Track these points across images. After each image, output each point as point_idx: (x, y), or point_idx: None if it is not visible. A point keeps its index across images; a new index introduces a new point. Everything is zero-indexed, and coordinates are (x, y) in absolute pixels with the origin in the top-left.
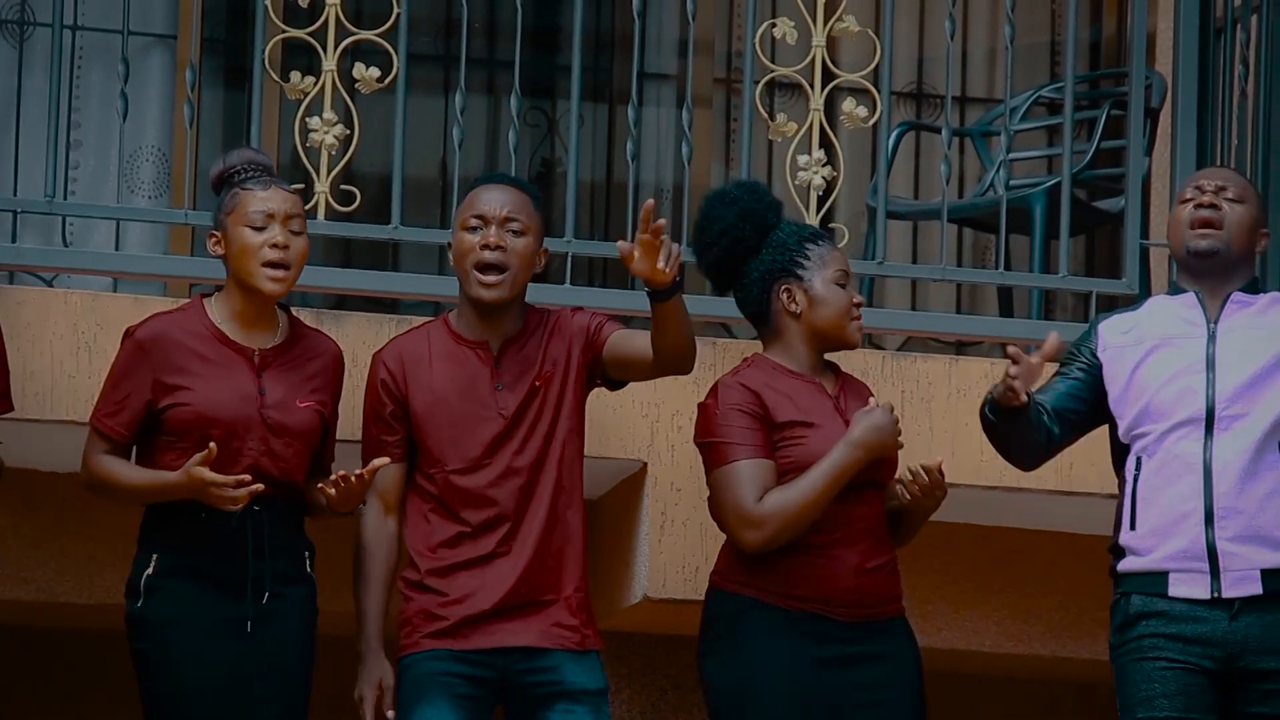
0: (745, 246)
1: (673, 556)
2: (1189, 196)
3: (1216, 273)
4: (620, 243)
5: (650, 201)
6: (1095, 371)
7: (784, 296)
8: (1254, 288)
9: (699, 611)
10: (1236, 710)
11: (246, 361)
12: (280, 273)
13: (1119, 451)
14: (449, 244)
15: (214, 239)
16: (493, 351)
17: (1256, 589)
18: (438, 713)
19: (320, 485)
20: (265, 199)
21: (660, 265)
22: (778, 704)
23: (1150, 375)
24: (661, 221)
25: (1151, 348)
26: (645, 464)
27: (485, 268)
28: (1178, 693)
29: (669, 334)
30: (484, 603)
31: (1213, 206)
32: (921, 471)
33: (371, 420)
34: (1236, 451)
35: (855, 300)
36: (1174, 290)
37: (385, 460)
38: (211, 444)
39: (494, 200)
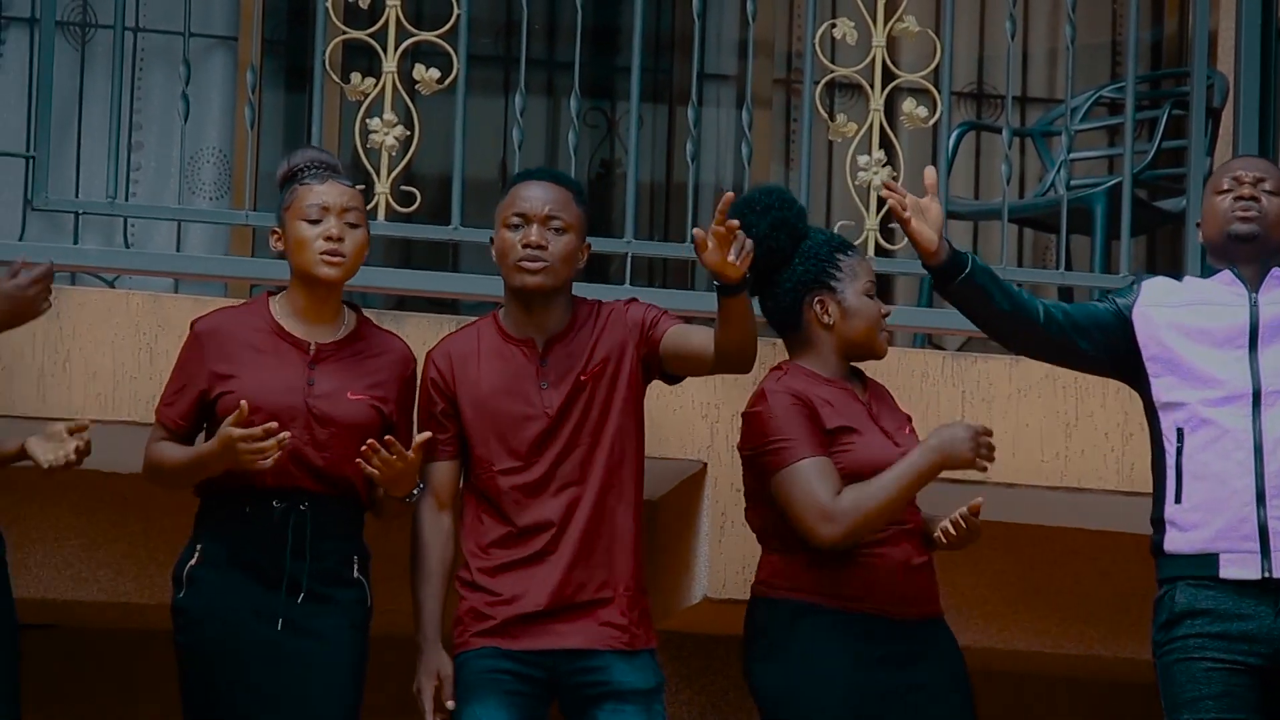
0: (780, 257)
1: (732, 557)
2: (1226, 187)
3: (1254, 258)
4: (695, 229)
5: (729, 194)
6: (1123, 322)
7: (817, 308)
8: None
9: None
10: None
11: (301, 354)
12: (337, 260)
13: (1152, 413)
14: (491, 239)
15: (275, 235)
16: (538, 348)
17: None
18: (488, 710)
19: (358, 460)
20: (321, 193)
21: (731, 258)
22: (835, 705)
23: (1192, 341)
24: (729, 195)
25: (1193, 307)
26: (705, 464)
27: (528, 259)
28: (1224, 694)
29: (733, 331)
30: (531, 604)
31: (1253, 198)
32: (961, 521)
33: (424, 419)
34: None
35: (884, 311)
36: (1207, 272)
37: (427, 434)
38: (243, 401)
39: (535, 197)
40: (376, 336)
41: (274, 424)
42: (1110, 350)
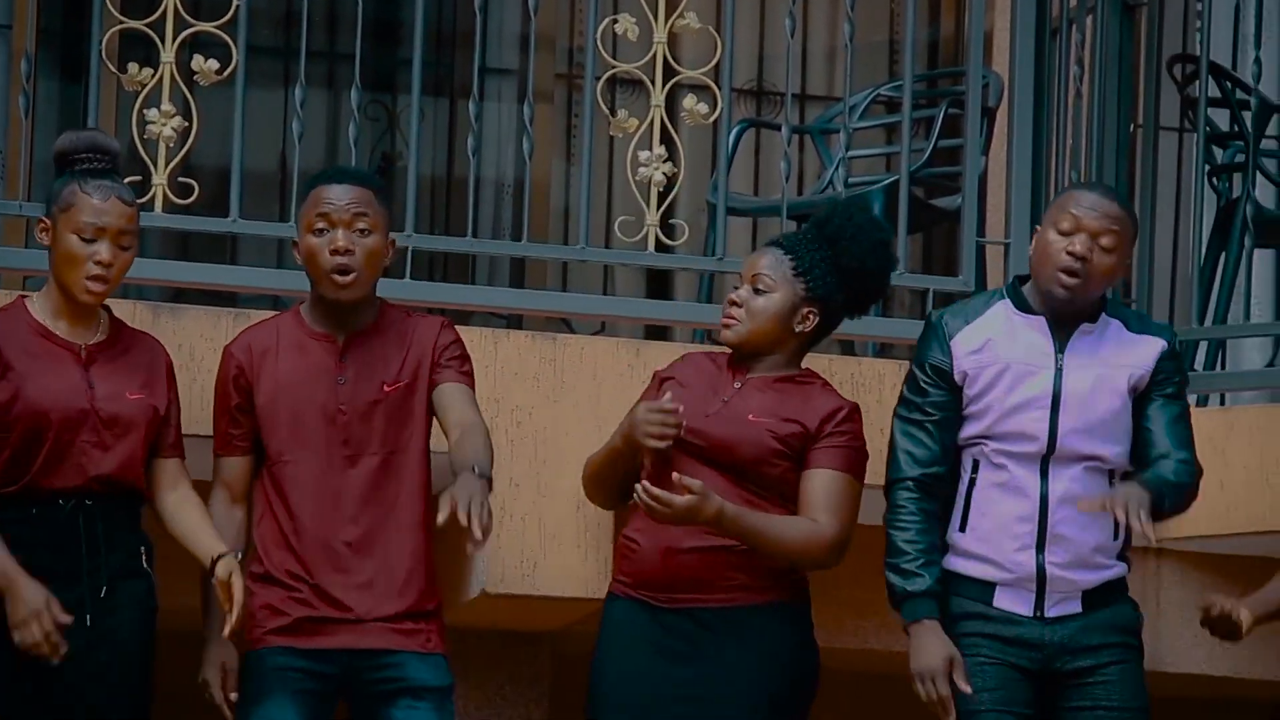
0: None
1: (511, 551)
2: (1066, 229)
3: (1068, 310)
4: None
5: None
6: (953, 384)
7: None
8: (1099, 306)
9: (537, 607)
10: (1055, 706)
11: (73, 356)
12: (100, 286)
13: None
14: (294, 242)
15: (42, 226)
16: (338, 343)
17: (1077, 609)
18: (279, 708)
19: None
20: (101, 211)
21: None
22: (611, 687)
23: (998, 399)
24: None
25: (1002, 370)
26: None
27: (336, 270)
28: (998, 687)
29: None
30: (324, 602)
31: (1084, 260)
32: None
33: (219, 413)
34: (1070, 483)
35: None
36: (1017, 299)
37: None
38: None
39: (338, 199)
40: (134, 335)
41: None
42: (955, 412)
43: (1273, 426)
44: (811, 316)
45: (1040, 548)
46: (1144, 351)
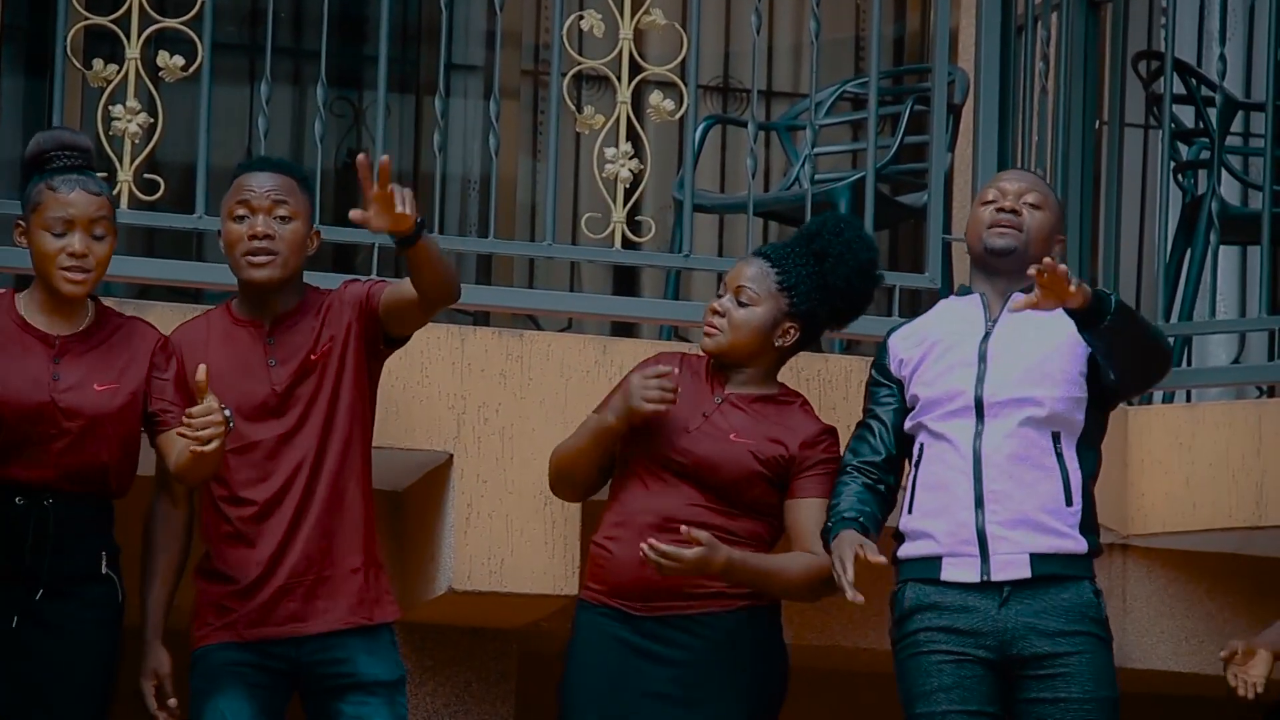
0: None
1: (478, 548)
2: (990, 198)
3: (1010, 273)
4: (352, 212)
5: (362, 156)
6: (899, 390)
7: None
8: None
9: (503, 604)
10: (1015, 698)
11: (45, 348)
12: (79, 275)
13: (906, 441)
14: (219, 232)
15: (19, 229)
16: (265, 328)
17: (1025, 572)
18: (231, 703)
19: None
20: (67, 204)
21: (400, 210)
22: (584, 689)
23: (927, 371)
24: (385, 159)
25: (930, 345)
26: (451, 455)
27: (254, 251)
28: (954, 685)
29: (428, 274)
30: (267, 582)
31: (1013, 211)
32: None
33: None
34: (1005, 438)
35: (711, 307)
36: (962, 291)
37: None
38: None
39: (259, 187)
40: (123, 325)
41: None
42: (902, 404)
43: (1238, 423)
44: (792, 332)
45: (979, 503)
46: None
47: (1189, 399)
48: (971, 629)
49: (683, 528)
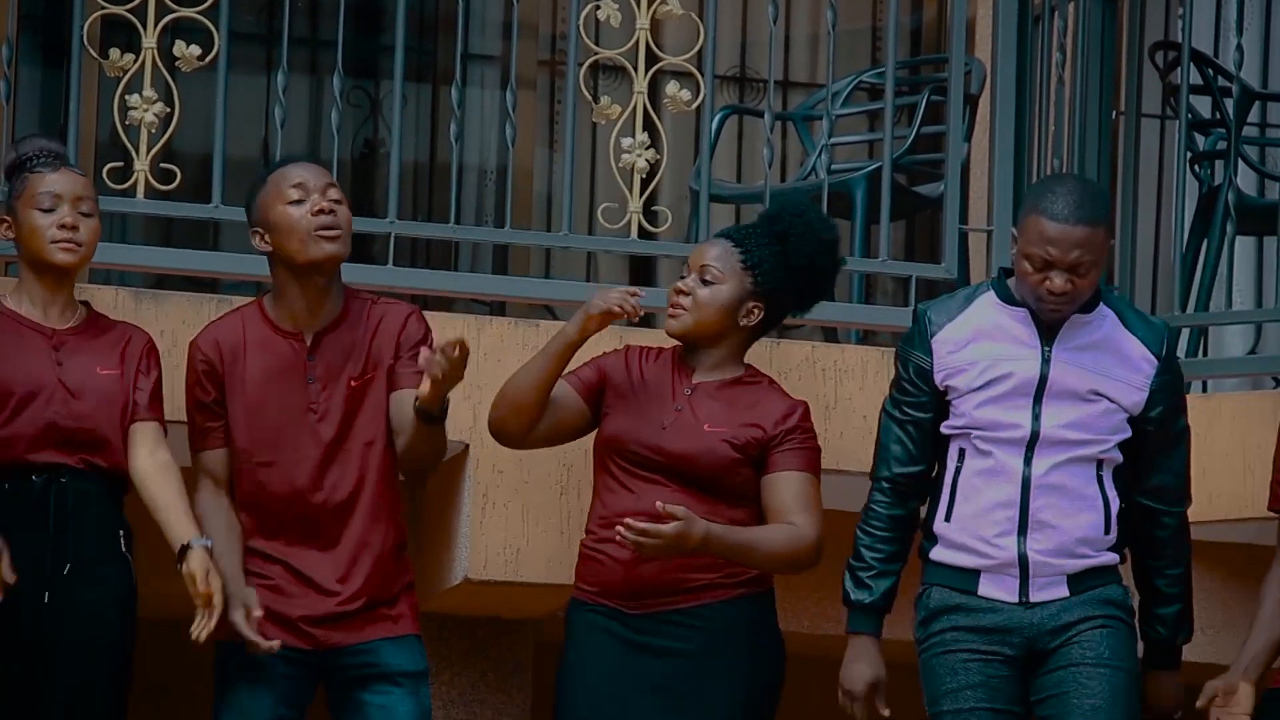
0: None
1: (494, 538)
2: (1038, 266)
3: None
4: (424, 353)
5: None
6: (932, 384)
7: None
8: (1093, 301)
9: (520, 594)
10: (1033, 677)
11: (43, 338)
12: (71, 245)
13: (939, 434)
14: (260, 234)
15: (5, 224)
16: (307, 342)
17: (1063, 593)
18: (254, 694)
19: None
20: (54, 181)
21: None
22: (579, 697)
23: (982, 392)
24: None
25: (986, 365)
26: (467, 445)
27: (327, 226)
28: (981, 684)
29: (424, 447)
30: (298, 609)
31: (1063, 294)
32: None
33: (194, 409)
34: (1053, 469)
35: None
36: (1001, 291)
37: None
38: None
39: (309, 173)
40: (114, 325)
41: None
42: (937, 412)
43: (1254, 413)
44: (757, 311)
45: (1022, 532)
46: (1137, 361)
47: (1205, 389)
48: (998, 626)
49: (657, 503)
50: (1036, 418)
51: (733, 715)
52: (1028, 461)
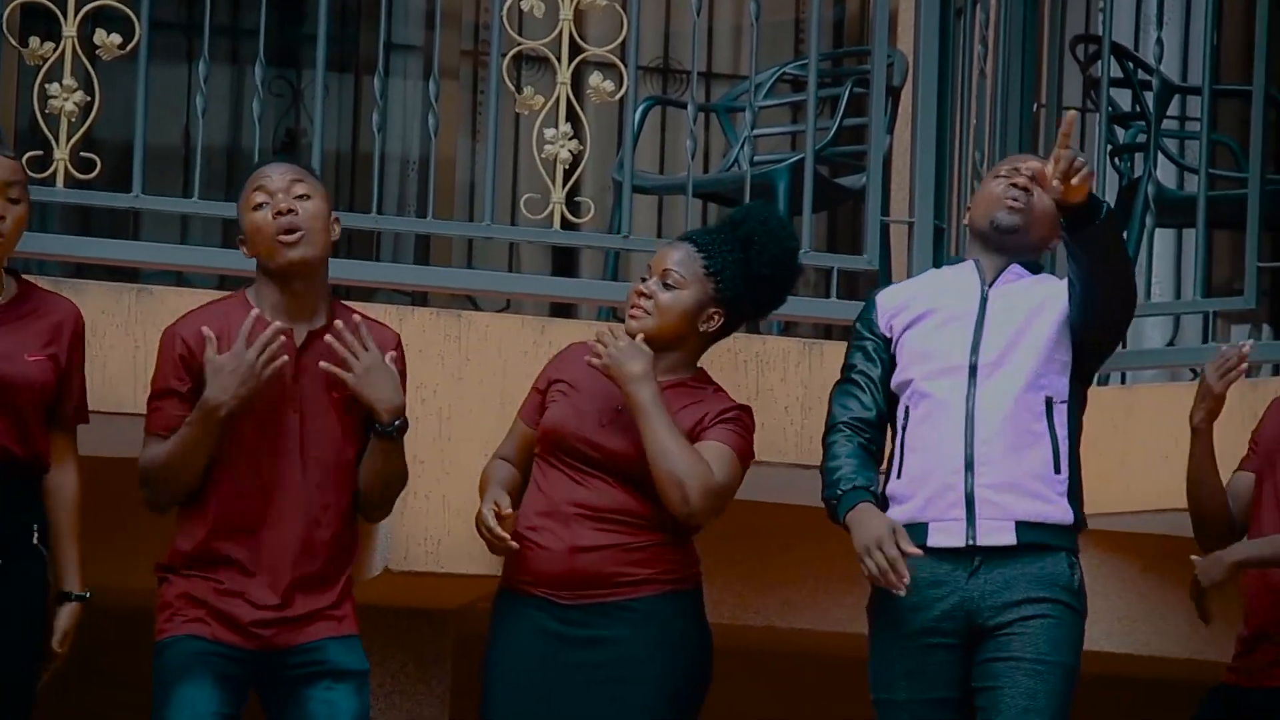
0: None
1: (414, 529)
2: (1004, 173)
3: (1009, 250)
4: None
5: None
6: (884, 347)
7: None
8: (1034, 269)
9: (440, 584)
10: (973, 661)
11: None
12: None
13: (891, 402)
14: (240, 240)
15: None
16: (296, 342)
17: (1010, 539)
18: (199, 690)
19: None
20: None
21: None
22: (505, 687)
23: (919, 330)
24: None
25: (922, 305)
26: None
27: (285, 230)
28: (917, 671)
29: (383, 473)
30: (247, 608)
31: (1026, 190)
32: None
33: (163, 396)
34: (999, 399)
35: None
36: (952, 261)
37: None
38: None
39: (274, 172)
40: (45, 298)
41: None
42: (886, 368)
43: (1173, 405)
44: (717, 317)
45: (969, 467)
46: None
47: (1124, 381)
48: (941, 612)
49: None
50: (975, 348)
51: (659, 708)
52: (970, 396)
